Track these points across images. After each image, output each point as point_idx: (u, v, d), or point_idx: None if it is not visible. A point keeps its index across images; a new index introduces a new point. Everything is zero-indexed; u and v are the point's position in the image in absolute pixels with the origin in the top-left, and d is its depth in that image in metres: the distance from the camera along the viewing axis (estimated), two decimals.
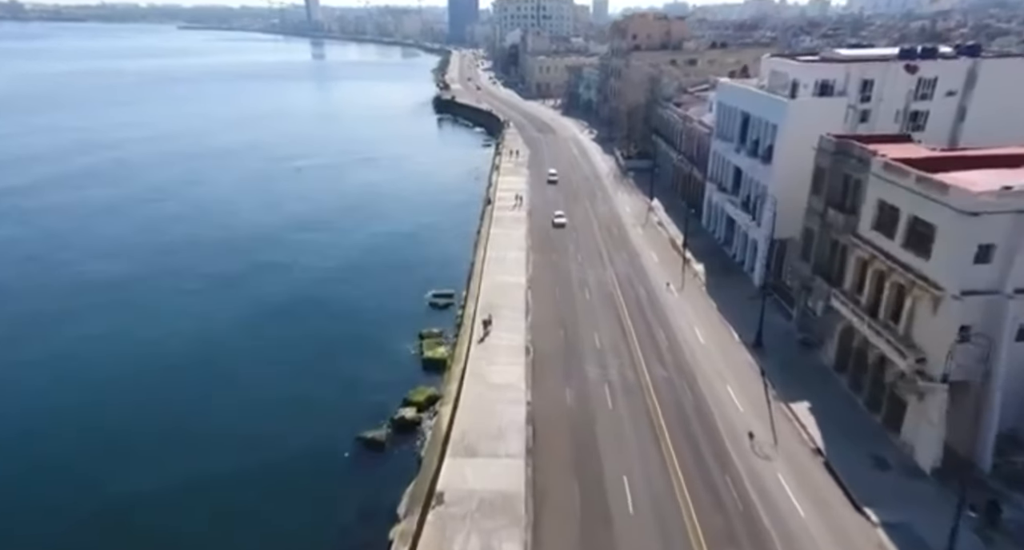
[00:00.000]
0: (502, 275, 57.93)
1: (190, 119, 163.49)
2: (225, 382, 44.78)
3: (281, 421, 40.03)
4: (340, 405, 41.64)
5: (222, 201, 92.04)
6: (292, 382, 44.55)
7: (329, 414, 40.65)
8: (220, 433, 39.10)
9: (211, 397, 43.03)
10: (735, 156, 59.70)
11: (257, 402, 42.26)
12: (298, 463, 36.33)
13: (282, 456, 36.74)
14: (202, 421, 40.37)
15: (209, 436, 38.81)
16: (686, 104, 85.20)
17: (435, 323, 52.97)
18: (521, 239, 67.58)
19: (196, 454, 37.00)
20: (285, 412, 40.97)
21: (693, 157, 75.92)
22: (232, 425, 39.90)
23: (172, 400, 42.51)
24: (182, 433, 39.06)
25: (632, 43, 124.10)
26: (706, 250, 63.83)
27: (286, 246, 72.77)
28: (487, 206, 78.19)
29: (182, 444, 37.98)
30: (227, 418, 40.67)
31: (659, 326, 48.47)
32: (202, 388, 44.08)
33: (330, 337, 51.10)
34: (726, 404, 38.19)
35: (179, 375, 45.55)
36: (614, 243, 67.18)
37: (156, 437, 38.76)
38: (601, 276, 58.29)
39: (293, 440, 38.08)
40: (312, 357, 47.98)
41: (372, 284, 61.97)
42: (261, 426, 39.61)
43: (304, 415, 40.63)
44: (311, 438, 38.39)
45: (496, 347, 45.20)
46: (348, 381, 44.46)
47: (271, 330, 52.51)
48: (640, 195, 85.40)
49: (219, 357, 48.13)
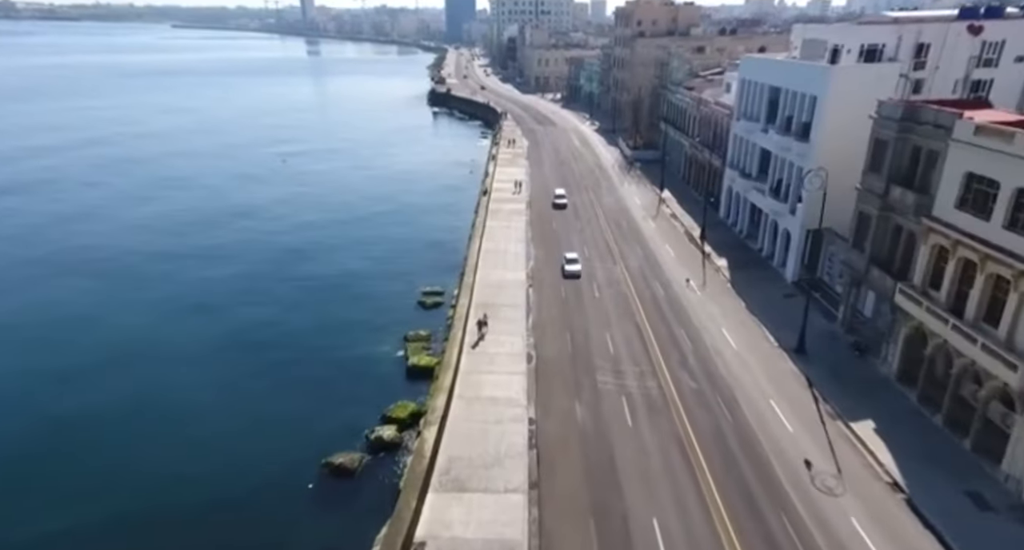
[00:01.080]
0: (500, 270, 51.17)
1: (164, 114, 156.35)
2: (174, 400, 37.76)
3: (236, 443, 33.11)
4: (307, 423, 34.69)
5: (197, 192, 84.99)
6: (253, 395, 37.59)
7: (293, 434, 33.71)
8: (163, 462, 32.06)
9: (155, 420, 36.03)
10: (761, 137, 53.07)
11: (210, 420, 35.25)
12: (251, 498, 29.35)
13: (232, 489, 29.82)
14: (143, 447, 33.42)
15: (150, 466, 31.75)
16: (698, 88, 78.61)
17: (423, 324, 46.13)
18: (521, 231, 60.88)
19: (131, 489, 29.99)
20: (242, 432, 34.01)
21: (709, 143, 69.30)
22: (178, 452, 32.81)
23: (103, 422, 35.56)
24: (115, 464, 32.11)
25: (637, 30, 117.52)
26: (727, 243, 57.14)
27: (261, 239, 65.83)
28: (483, 196, 71.43)
29: (112, 478, 31.03)
30: (173, 443, 33.60)
31: (681, 328, 41.73)
32: (146, 406, 37.12)
33: (302, 341, 44.21)
34: (772, 423, 31.43)
35: (116, 389, 38.60)
36: (624, 236, 60.43)
37: (86, 471, 31.81)
38: (612, 272, 51.53)
39: (248, 468, 31.17)
40: (280, 364, 41.06)
41: (354, 281, 55.10)
42: (213, 450, 32.65)
43: (264, 436, 33.68)
44: (269, 465, 31.46)
45: (492, 353, 38.39)
46: (319, 393, 37.57)
47: (236, 333, 45.57)
48: (649, 186, 78.76)
49: (168, 369, 41.17)
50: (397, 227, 69.75)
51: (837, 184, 40.56)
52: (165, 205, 77.71)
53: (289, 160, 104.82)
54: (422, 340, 43.88)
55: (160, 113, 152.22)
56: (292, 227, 69.49)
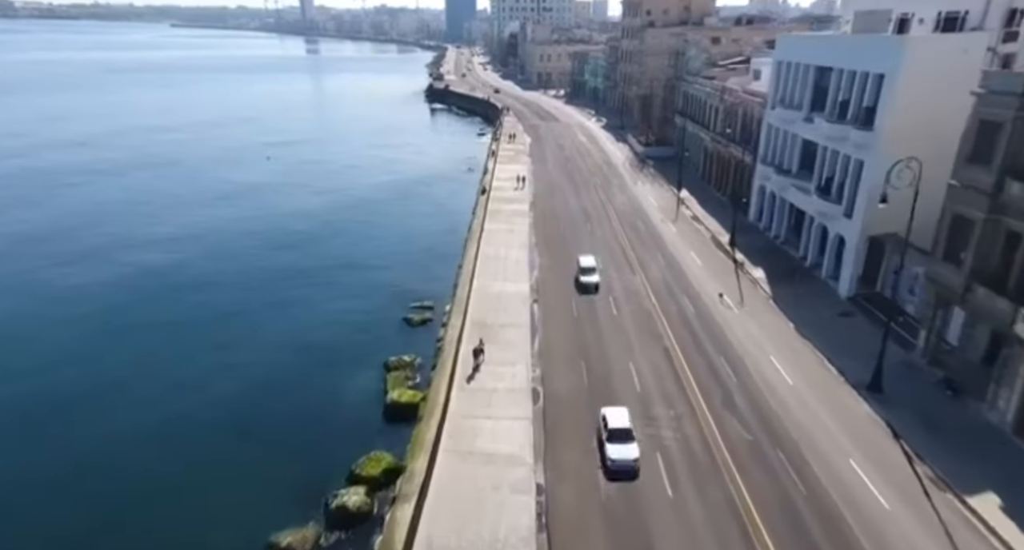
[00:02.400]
0: (499, 281, 43.65)
1: (145, 111, 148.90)
2: (94, 458, 30.24)
3: (161, 516, 25.62)
4: (253, 487, 27.02)
5: (175, 191, 77.50)
6: (193, 444, 29.99)
7: (233, 504, 26.04)
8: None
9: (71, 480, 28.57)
10: (805, 127, 45.55)
11: (132, 480, 27.79)
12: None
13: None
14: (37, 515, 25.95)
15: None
16: (720, 78, 71.15)
17: (409, 346, 38.68)
18: (523, 234, 53.34)
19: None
20: (173, 498, 26.47)
21: (734, 136, 61.79)
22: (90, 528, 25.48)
23: None
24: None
25: (647, 19, 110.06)
26: (761, 250, 49.62)
27: (231, 243, 58.28)
28: (481, 196, 63.87)
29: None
30: (87, 513, 26.24)
31: (720, 355, 34.17)
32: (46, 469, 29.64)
33: (261, 372, 36.51)
34: (859, 495, 23.81)
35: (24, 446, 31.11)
36: (641, 241, 52.88)
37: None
38: (631, 283, 43.98)
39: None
40: (230, 403, 33.42)
41: (333, 292, 47.56)
42: (130, 524, 25.25)
43: (199, 505, 26.08)
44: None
45: (490, 389, 30.86)
46: (273, 443, 29.97)
47: (179, 362, 37.98)
48: (665, 185, 71.23)
49: (93, 413, 33.66)
50: (386, 230, 62.26)
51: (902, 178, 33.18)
52: (137, 204, 70.28)
53: (274, 157, 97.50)
54: (405, 368, 36.37)
55: (140, 110, 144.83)
56: (269, 230, 61.93)
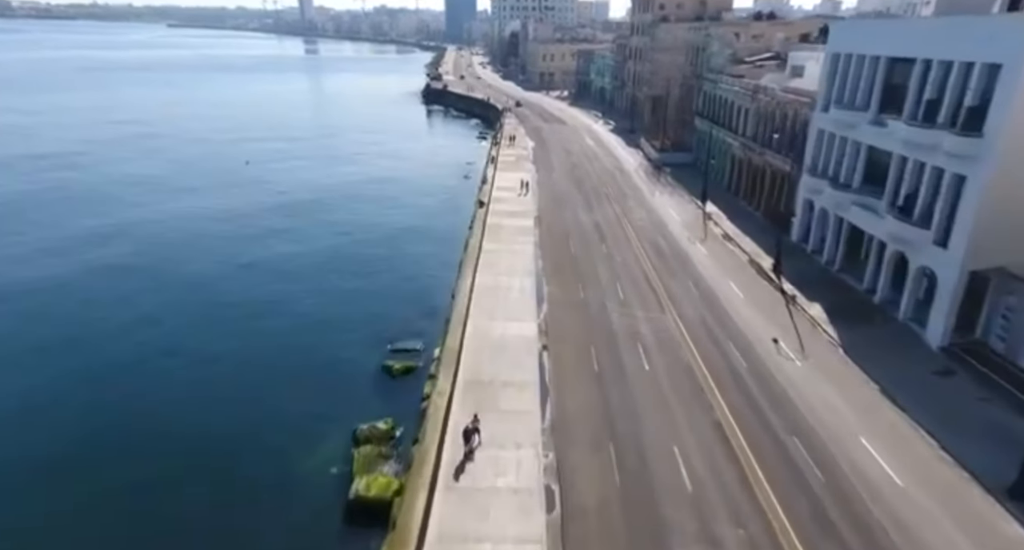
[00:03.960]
0: (500, 321, 35.41)
1: (121, 111, 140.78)
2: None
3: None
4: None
5: (130, 199, 69.33)
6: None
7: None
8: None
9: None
10: (873, 132, 37.41)
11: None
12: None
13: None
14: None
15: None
16: (749, 76, 63.12)
17: (387, 406, 30.72)
18: (528, 256, 45.13)
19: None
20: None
21: (770, 142, 53.68)
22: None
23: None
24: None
25: (659, 14, 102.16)
26: (812, 279, 41.42)
27: (184, 268, 50.11)
28: (479, 209, 55.61)
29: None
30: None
31: (792, 434, 25.87)
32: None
33: (202, 441, 28.42)
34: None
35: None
36: (667, 266, 44.67)
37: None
38: (661, 324, 35.72)
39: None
40: (146, 487, 25.39)
41: (300, 333, 39.30)
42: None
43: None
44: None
45: (485, 489, 22.57)
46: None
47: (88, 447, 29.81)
48: (687, 196, 63.06)
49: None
50: (370, 249, 54.06)
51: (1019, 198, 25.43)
52: (74, 224, 62.04)
53: (254, 162, 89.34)
54: (380, 440, 28.39)
55: (117, 110, 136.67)
56: (235, 250, 53.80)
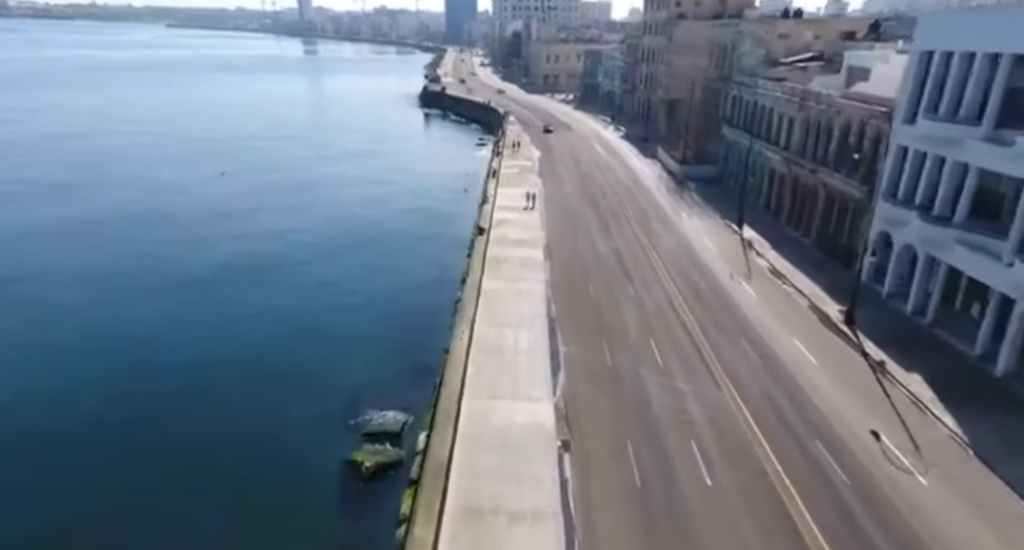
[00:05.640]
0: (503, 400, 26.82)
1: (95, 111, 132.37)
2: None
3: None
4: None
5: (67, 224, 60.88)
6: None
7: None
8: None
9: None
10: (983, 151, 28.92)
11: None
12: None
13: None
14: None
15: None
16: (792, 79, 54.70)
17: (352, 530, 22.34)
18: (537, 301, 36.53)
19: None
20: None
21: (825, 158, 45.21)
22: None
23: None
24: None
25: (676, 11, 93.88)
26: (897, 335, 32.79)
27: (127, 313, 41.68)
28: (478, 237, 46.92)
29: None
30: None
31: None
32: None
33: None
34: None
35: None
36: (710, 315, 35.96)
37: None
38: (718, 407, 27.00)
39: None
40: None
41: (247, 402, 30.94)
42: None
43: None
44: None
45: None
46: None
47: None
48: (718, 218, 54.53)
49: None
50: (345, 287, 45.29)
51: None
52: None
53: (230, 174, 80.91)
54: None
55: (91, 111, 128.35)
56: (184, 277, 45.33)
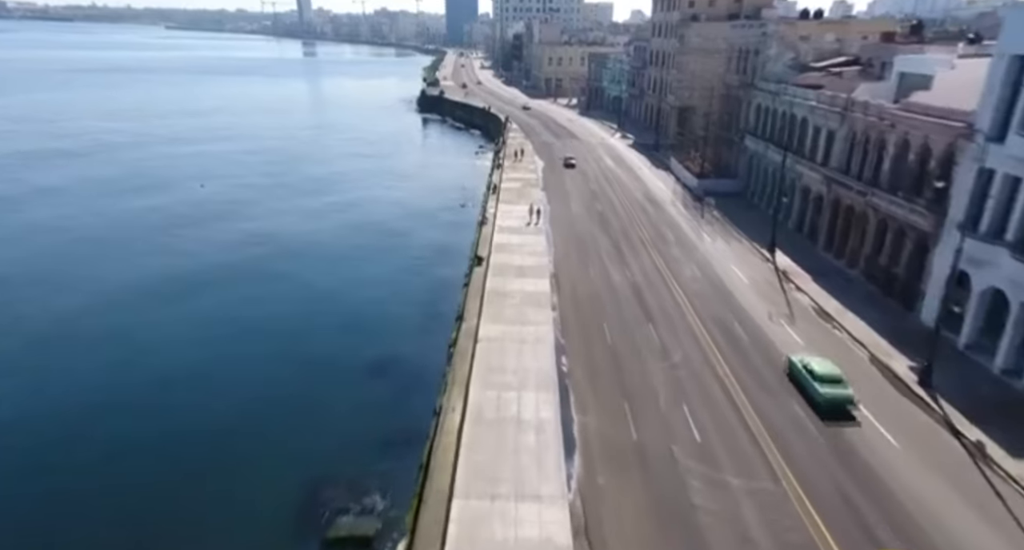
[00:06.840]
0: (503, 500, 20.60)
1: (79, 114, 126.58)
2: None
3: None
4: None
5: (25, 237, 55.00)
6: None
7: None
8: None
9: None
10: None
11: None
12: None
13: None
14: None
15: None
16: (829, 86, 48.88)
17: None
18: (544, 352, 30.37)
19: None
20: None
21: (876, 179, 39.29)
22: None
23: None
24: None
25: (688, 12, 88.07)
26: (985, 401, 26.82)
27: (67, 360, 35.79)
28: (476, 268, 40.79)
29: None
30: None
31: None
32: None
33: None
34: None
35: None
36: (754, 373, 29.84)
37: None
38: (780, 513, 20.87)
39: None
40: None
41: (200, 487, 25.04)
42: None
43: None
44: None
45: None
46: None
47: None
48: (745, 241, 48.59)
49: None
50: (324, 325, 39.36)
51: None
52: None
53: (210, 184, 75.28)
54: None
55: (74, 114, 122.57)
56: (143, 343, 39.43)
